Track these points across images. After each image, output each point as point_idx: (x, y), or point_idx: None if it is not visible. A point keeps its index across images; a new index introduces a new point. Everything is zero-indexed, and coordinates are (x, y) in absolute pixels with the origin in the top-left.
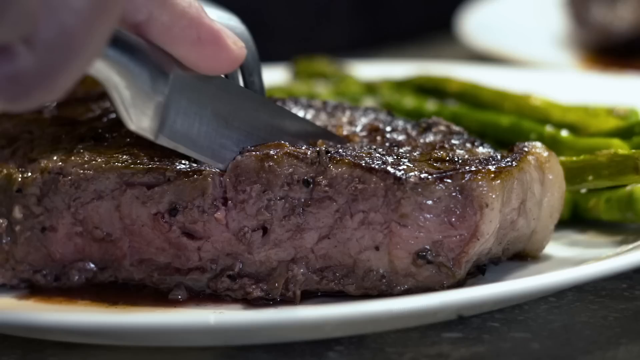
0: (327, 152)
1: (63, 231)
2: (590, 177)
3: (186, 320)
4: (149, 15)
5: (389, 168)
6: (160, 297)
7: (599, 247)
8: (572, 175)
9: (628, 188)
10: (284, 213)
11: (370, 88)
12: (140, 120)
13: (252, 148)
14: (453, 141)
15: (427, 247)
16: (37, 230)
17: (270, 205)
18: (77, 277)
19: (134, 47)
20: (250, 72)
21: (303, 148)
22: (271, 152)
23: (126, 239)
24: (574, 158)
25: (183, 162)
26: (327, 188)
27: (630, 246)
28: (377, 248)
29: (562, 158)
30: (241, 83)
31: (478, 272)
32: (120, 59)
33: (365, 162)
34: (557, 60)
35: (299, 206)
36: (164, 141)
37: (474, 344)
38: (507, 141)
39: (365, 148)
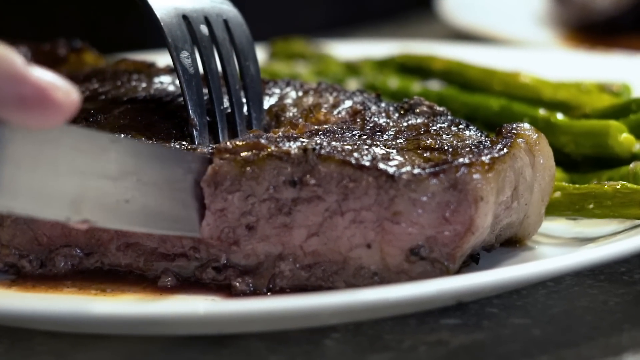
0: (314, 149)
1: None
2: (591, 205)
3: (177, 310)
4: None
5: (380, 165)
6: (148, 284)
7: (593, 228)
8: (572, 200)
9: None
10: (271, 213)
11: (351, 68)
12: None
13: (230, 147)
14: (438, 124)
15: (421, 243)
16: None
17: (255, 209)
18: (62, 264)
19: None
20: (246, 56)
21: (286, 147)
22: (251, 157)
23: None
24: (578, 185)
25: (176, 144)
26: (315, 187)
27: (628, 227)
28: (368, 246)
29: (564, 183)
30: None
31: (471, 261)
32: None
33: (355, 159)
34: (538, 38)
35: (287, 205)
36: None
37: (474, 331)
38: (497, 125)
39: (347, 135)
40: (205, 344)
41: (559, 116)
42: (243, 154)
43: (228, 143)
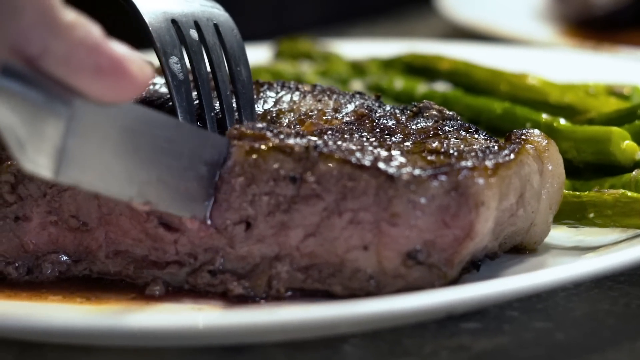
0: (316, 147)
1: (37, 220)
2: (592, 215)
3: (187, 321)
4: (43, 47)
5: (380, 165)
6: (135, 293)
7: (595, 237)
8: (573, 209)
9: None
10: (269, 209)
11: (357, 68)
12: (37, 158)
13: (236, 132)
14: (447, 128)
15: (418, 247)
16: (10, 220)
17: (255, 201)
18: (50, 270)
19: (27, 77)
20: (237, 62)
21: (290, 142)
22: (257, 146)
23: (102, 229)
24: (578, 193)
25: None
26: (315, 185)
27: (630, 236)
28: (365, 248)
29: (565, 191)
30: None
31: (472, 268)
32: (12, 90)
33: (356, 159)
34: (538, 34)
35: (285, 203)
36: (64, 178)
37: (495, 335)
38: (500, 128)
39: (356, 136)
40: (221, 350)
41: (562, 121)
42: (249, 142)
43: (234, 129)
